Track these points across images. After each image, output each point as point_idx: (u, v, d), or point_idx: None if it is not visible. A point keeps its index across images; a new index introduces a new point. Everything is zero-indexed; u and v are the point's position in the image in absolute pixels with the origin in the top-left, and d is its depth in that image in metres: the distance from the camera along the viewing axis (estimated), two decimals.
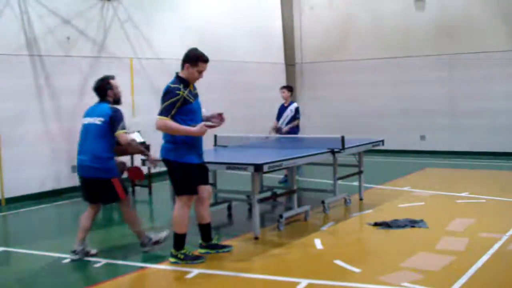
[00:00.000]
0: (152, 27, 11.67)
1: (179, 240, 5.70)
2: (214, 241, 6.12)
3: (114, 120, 5.77)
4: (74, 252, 5.89)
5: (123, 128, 5.81)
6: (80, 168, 5.89)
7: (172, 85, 5.66)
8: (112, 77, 6.06)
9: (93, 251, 6.04)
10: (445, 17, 13.89)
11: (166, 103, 5.52)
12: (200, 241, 6.09)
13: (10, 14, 9.26)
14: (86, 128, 5.88)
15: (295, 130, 10.27)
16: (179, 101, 5.53)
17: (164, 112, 5.50)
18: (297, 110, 10.39)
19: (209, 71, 6.31)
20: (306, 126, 15.70)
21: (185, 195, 5.67)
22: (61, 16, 10.01)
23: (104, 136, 5.77)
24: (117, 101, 6.01)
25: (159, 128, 5.54)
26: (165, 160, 5.76)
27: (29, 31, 9.55)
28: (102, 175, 5.77)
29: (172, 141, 5.63)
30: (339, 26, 15.39)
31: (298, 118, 10.35)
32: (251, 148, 8.21)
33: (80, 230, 5.93)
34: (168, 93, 5.60)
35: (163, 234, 6.14)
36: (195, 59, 5.85)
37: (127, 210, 6.03)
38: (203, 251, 6.02)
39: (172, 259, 5.70)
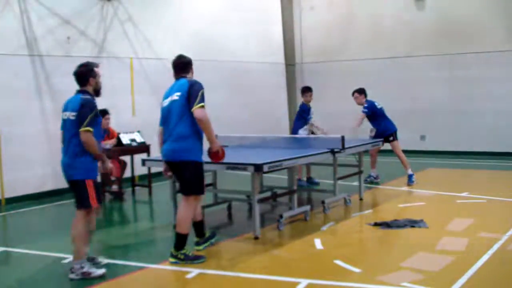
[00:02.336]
0: (152, 27, 11.67)
1: (182, 241, 5.69)
2: (207, 234, 6.26)
3: (80, 115, 5.23)
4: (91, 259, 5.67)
5: (89, 124, 5.21)
6: (63, 170, 5.49)
7: (193, 79, 5.68)
8: (96, 65, 5.55)
9: (98, 260, 5.73)
10: (445, 17, 13.89)
11: (200, 93, 5.47)
12: (195, 239, 6.15)
13: (10, 14, 9.26)
14: (63, 124, 5.50)
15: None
16: None
17: (202, 100, 5.45)
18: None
19: (209, 71, 6.34)
20: None
21: (194, 195, 5.69)
22: (61, 16, 10.01)
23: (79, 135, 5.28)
24: (97, 92, 5.51)
25: (202, 117, 5.39)
26: (177, 162, 5.63)
27: (29, 31, 9.55)
28: (78, 176, 5.30)
29: (191, 140, 5.55)
30: (339, 26, 15.38)
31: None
32: (251, 148, 8.21)
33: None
34: (196, 83, 5.58)
35: (100, 272, 5.38)
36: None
37: (86, 222, 5.37)
38: (201, 247, 6.07)
39: (172, 259, 5.69)
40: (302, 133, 9.96)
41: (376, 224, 7.02)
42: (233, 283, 5.19)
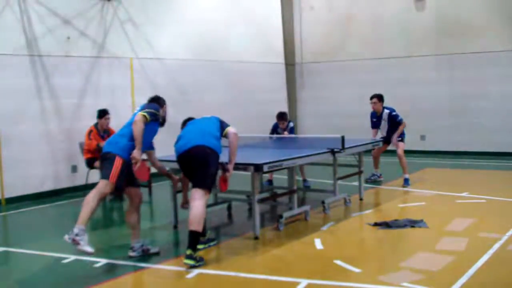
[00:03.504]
0: (152, 27, 11.68)
1: (198, 239, 5.64)
2: (207, 236, 6.28)
3: (146, 106, 5.83)
4: (131, 248, 5.94)
5: (149, 114, 5.66)
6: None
7: None
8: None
9: (154, 249, 5.99)
10: (445, 17, 13.89)
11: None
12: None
13: (10, 14, 9.27)
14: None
15: None
16: None
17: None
18: (292, 130, 9.93)
19: (209, 71, 6.35)
20: (306, 126, 15.74)
21: (208, 189, 5.74)
22: (61, 16, 10.01)
23: (131, 124, 5.71)
24: (163, 122, 6.07)
25: (236, 132, 6.04)
26: (211, 151, 5.80)
27: (29, 31, 9.55)
28: (112, 149, 5.65)
29: (219, 144, 5.99)
30: (339, 26, 15.39)
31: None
32: (251, 148, 8.20)
33: (130, 229, 5.98)
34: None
35: (88, 249, 5.35)
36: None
37: (100, 194, 5.53)
38: (201, 246, 6.08)
39: (190, 262, 5.48)
40: None
41: (376, 224, 7.02)
42: (233, 283, 5.19)
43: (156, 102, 6.05)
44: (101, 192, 5.55)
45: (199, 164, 5.74)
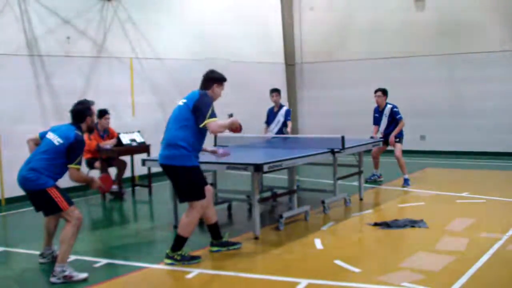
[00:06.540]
0: (152, 27, 11.68)
1: (181, 243, 5.69)
2: (225, 239, 6.18)
3: (72, 150, 5.30)
4: (41, 255, 5.92)
5: (79, 163, 5.34)
6: (18, 181, 5.42)
7: (205, 91, 5.75)
8: (93, 103, 5.68)
9: (82, 275, 5.41)
10: (445, 17, 13.89)
11: (210, 108, 5.53)
12: (211, 240, 6.14)
13: (10, 14, 9.27)
14: (44, 139, 5.48)
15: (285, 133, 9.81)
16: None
17: (214, 115, 5.54)
18: (288, 113, 9.86)
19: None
20: (306, 126, 15.74)
21: (195, 200, 5.65)
22: (61, 16, 10.01)
23: (53, 159, 5.30)
24: (91, 129, 5.73)
25: (215, 130, 5.58)
26: (171, 167, 5.59)
27: (29, 31, 9.55)
28: (35, 187, 5.28)
29: (183, 149, 5.50)
30: (339, 26, 15.39)
31: (289, 120, 9.80)
32: (251, 148, 8.21)
33: (45, 235, 5.88)
34: (206, 96, 5.66)
35: (82, 276, 5.31)
36: (222, 79, 5.96)
37: (70, 224, 5.38)
38: (214, 249, 6.07)
39: (167, 261, 5.67)
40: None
41: (376, 224, 7.03)
42: (233, 283, 5.19)
43: (79, 120, 5.52)
44: (75, 224, 5.38)
45: (172, 181, 5.80)
